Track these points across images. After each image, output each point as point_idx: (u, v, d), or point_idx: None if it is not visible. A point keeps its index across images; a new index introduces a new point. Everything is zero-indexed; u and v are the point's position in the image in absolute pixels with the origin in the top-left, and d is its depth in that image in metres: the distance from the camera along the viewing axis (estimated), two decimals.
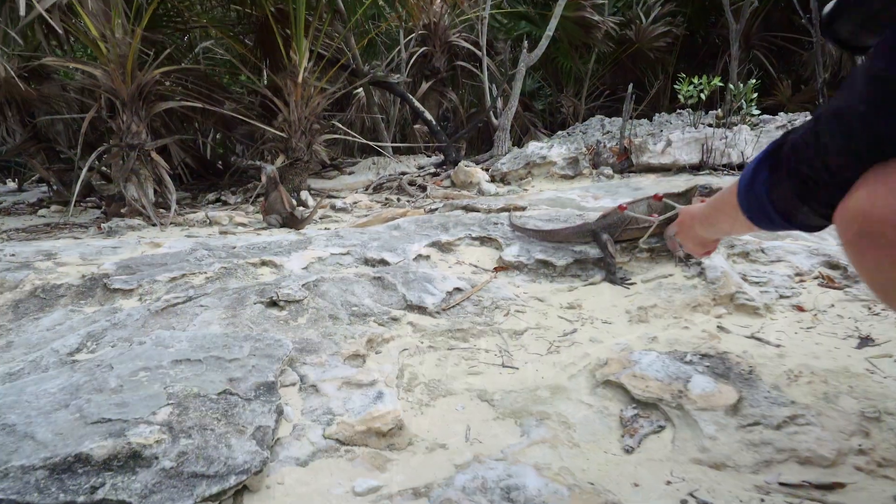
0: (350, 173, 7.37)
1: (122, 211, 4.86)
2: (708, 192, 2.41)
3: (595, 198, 4.56)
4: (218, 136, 8.73)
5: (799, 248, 3.01)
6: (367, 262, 3.17)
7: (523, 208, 3.92)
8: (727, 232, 1.55)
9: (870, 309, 2.57)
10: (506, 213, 3.76)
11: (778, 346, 2.16)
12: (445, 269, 3.13)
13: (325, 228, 4.18)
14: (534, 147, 6.55)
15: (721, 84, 6.09)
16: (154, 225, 4.64)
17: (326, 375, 1.88)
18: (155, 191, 5.12)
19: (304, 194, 5.73)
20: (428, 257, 3.22)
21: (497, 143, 7.16)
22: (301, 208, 5.32)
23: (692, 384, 1.72)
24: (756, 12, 10.32)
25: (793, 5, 11.68)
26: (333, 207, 5.28)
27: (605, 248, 2.85)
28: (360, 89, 8.44)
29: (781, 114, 6.40)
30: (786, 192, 1.03)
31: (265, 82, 6.87)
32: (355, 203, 5.52)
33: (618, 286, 2.80)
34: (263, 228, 4.37)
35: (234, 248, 3.29)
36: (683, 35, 12.20)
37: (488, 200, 4.09)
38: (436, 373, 2.08)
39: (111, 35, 4.75)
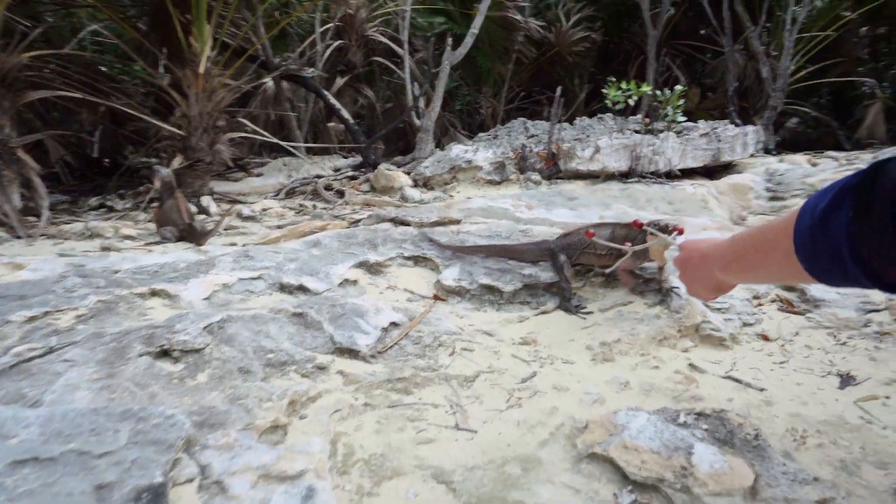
0: (258, 175, 6.75)
1: None
2: (661, 227, 2.15)
3: (529, 207, 4.28)
4: (105, 132, 7.80)
5: None
6: (283, 288, 2.70)
7: (458, 221, 3.56)
8: (766, 280, 1.28)
9: (835, 337, 2.41)
10: (441, 228, 3.39)
11: (761, 389, 1.92)
12: (376, 296, 2.71)
13: (232, 244, 3.64)
14: (458, 150, 6.22)
15: (649, 91, 6.01)
16: (19, 237, 3.90)
17: (237, 464, 1.43)
18: (23, 195, 4.34)
19: (206, 200, 5.10)
20: (355, 282, 2.79)
21: (419, 144, 6.77)
22: (202, 217, 4.71)
23: (696, 457, 1.42)
24: (668, 20, 10.51)
25: (698, 15, 12.07)
26: (240, 215, 4.71)
27: (562, 272, 2.55)
28: (270, 83, 7.79)
29: (702, 121, 6.43)
30: (882, 245, 0.75)
31: (162, 73, 6.12)
32: (265, 210, 4.96)
33: (573, 315, 2.50)
34: (156, 243, 3.77)
35: (118, 272, 2.72)
36: (601, 40, 12.30)
37: (419, 212, 3.70)
38: (377, 443, 1.67)
39: None
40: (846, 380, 1.99)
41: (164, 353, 1.91)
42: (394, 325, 2.34)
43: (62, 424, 1.44)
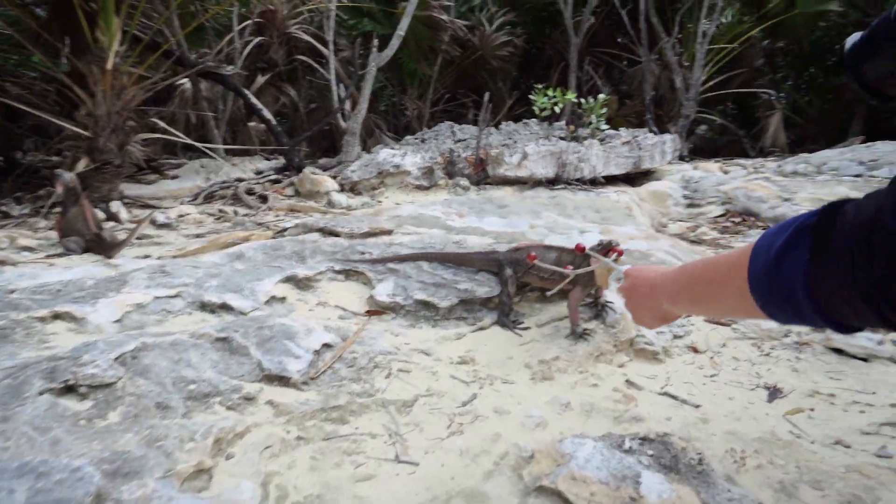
0: (174, 178, 6.37)
1: None
2: (603, 246, 2.14)
3: (460, 215, 4.24)
4: None
5: None
6: (204, 307, 2.52)
7: (390, 232, 3.47)
8: (717, 314, 1.27)
9: (759, 348, 2.50)
10: (373, 239, 3.28)
11: (697, 406, 1.96)
12: (306, 313, 2.58)
13: (145, 256, 3.39)
14: (386, 154, 6.12)
15: (574, 98, 6.12)
16: None
17: None
18: None
19: (116, 206, 4.75)
20: (283, 299, 2.65)
21: (346, 148, 6.61)
22: (111, 224, 4.38)
23: (644, 487, 1.40)
24: (588, 29, 10.82)
25: (616, 25, 12.51)
26: (154, 223, 4.41)
27: (505, 285, 2.51)
28: (186, 81, 7.39)
29: (623, 129, 6.63)
30: (840, 288, 0.73)
31: (63, 64, 5.65)
32: (182, 217, 4.68)
33: (510, 331, 2.47)
34: (59, 255, 3.45)
35: (13, 291, 2.46)
36: (523, 46, 12.50)
37: (349, 221, 3.58)
38: (313, 482, 1.56)
39: None
40: (774, 393, 2.05)
41: (69, 390, 1.71)
42: (326, 346, 2.22)
43: None
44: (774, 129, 10.55)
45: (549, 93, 5.91)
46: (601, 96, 5.96)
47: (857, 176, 5.44)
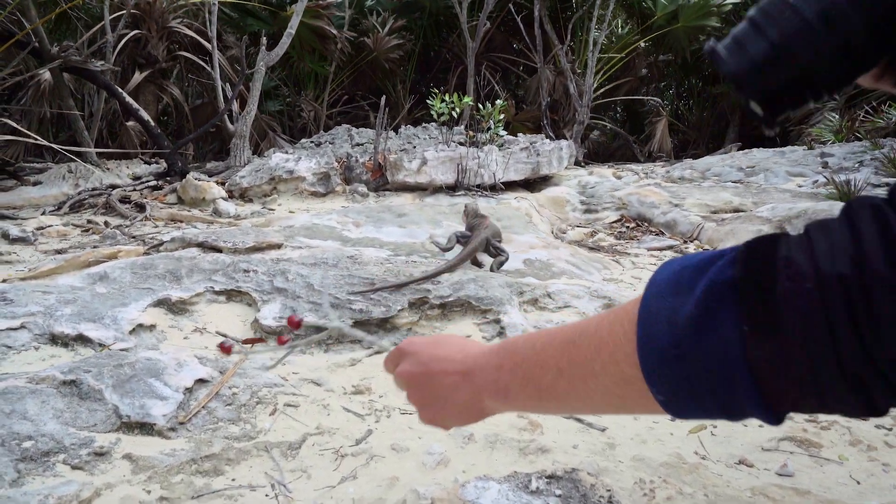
0: (35, 184, 5.69)
1: None
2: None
3: (356, 225, 4.04)
4: None
5: (580, 291, 2.86)
6: (55, 340, 2.19)
7: (279, 246, 3.21)
8: (576, 410, 0.88)
9: None
10: (259, 255, 3.01)
11: (603, 429, 1.88)
12: (180, 342, 2.30)
13: None
14: (279, 159, 5.79)
15: (471, 103, 6.07)
16: None
17: None
18: None
19: None
20: (153, 327, 2.35)
21: (234, 151, 6.19)
22: None
23: None
24: (485, 34, 10.91)
25: (511, 31, 12.72)
26: (6, 236, 3.88)
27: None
28: (47, 75, 6.66)
29: (521, 135, 6.67)
30: (811, 371, 0.49)
31: None
32: (41, 229, 4.15)
33: None
34: None
35: None
36: (420, 48, 12.43)
37: (232, 235, 3.28)
38: None
39: None
40: None
41: None
42: (201, 382, 1.96)
43: None
44: (661, 135, 11.11)
45: (447, 98, 5.82)
46: (499, 102, 5.94)
47: (737, 182, 5.76)
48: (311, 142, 7.21)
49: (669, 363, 0.55)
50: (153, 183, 5.74)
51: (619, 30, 11.68)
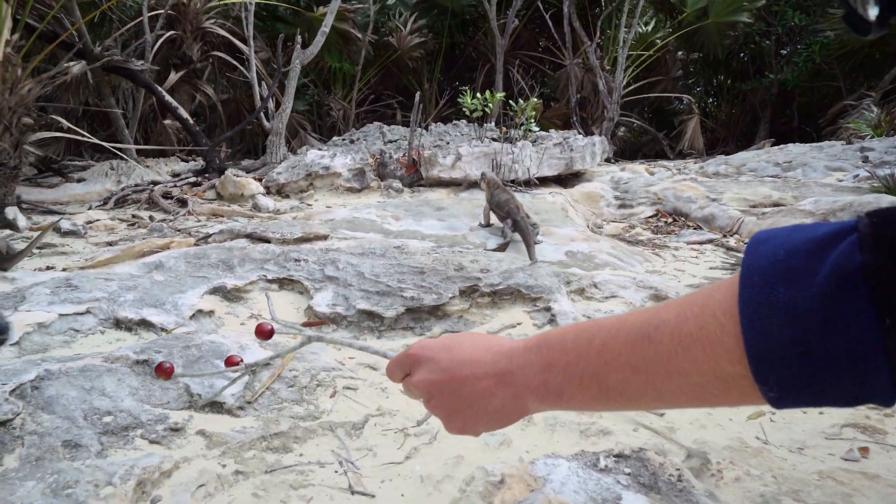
0: (80, 181, 5.84)
1: None
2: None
3: (396, 218, 4.09)
4: None
5: (626, 281, 2.87)
6: (119, 325, 2.25)
7: (325, 237, 3.27)
8: (645, 406, 0.81)
9: None
10: (308, 245, 3.07)
11: (661, 414, 1.89)
12: (237, 328, 2.36)
13: (48, 267, 3.04)
14: (314, 155, 5.87)
15: (502, 98, 6.08)
16: None
17: None
18: None
19: (13, 212, 4.26)
20: (211, 313, 2.41)
21: (271, 148, 6.29)
22: (7, 233, 3.93)
23: None
24: (512, 31, 10.91)
25: (539, 28, 12.70)
26: (58, 230, 3.99)
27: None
28: (76, 69, 6.81)
29: (553, 131, 6.67)
30: None
31: None
32: (91, 223, 4.27)
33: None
34: None
35: None
36: (446, 46, 12.47)
37: (279, 226, 3.34)
38: None
39: None
40: None
41: None
42: (264, 364, 2.01)
43: None
44: (692, 132, 11.00)
45: (479, 95, 5.84)
46: (532, 99, 5.95)
47: (774, 177, 5.69)
48: (343, 139, 7.28)
49: (790, 361, 0.51)
50: (192, 179, 5.86)
51: (648, 27, 11.59)
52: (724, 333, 0.53)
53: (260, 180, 5.71)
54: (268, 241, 3.15)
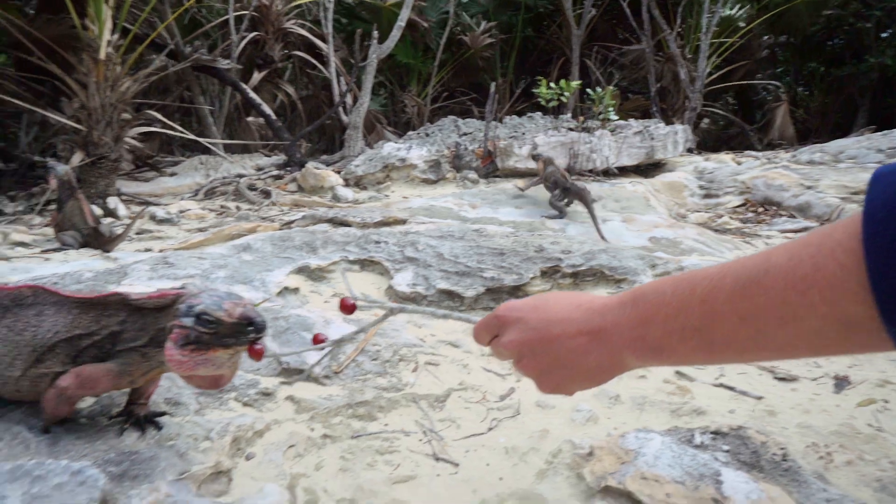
0: (172, 175, 6.19)
1: None
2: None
3: (473, 207, 4.08)
4: None
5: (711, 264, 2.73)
6: None
7: (404, 221, 3.30)
8: (758, 357, 0.76)
9: None
10: (387, 229, 3.11)
11: (759, 398, 1.78)
12: (321, 305, 2.41)
13: (146, 249, 3.21)
14: (390, 148, 5.95)
15: (578, 86, 5.97)
16: None
17: None
18: None
19: (113, 201, 4.56)
20: (296, 290, 2.48)
21: (348, 142, 6.44)
22: (109, 220, 4.20)
23: (728, 486, 1.23)
24: (589, 21, 10.69)
25: (616, 18, 12.37)
26: (154, 218, 4.23)
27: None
28: (181, 73, 7.20)
29: (633, 120, 6.47)
30: None
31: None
32: (182, 212, 4.50)
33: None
34: (55, 250, 3.27)
35: (6, 284, 2.27)
36: (520, 40, 12.38)
37: (359, 212, 3.41)
38: (345, 485, 1.39)
39: None
40: (841, 383, 1.88)
41: None
42: (337, 347, 2.04)
43: None
44: (781, 121, 10.42)
45: (553, 84, 5.74)
46: (610, 87, 5.80)
47: (878, 163, 5.30)
48: (419, 133, 7.35)
49: None
50: (275, 172, 6.08)
51: (732, 10, 11.05)
52: (846, 273, 0.49)
53: (339, 173, 5.85)
54: (348, 225, 3.21)
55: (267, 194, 5.19)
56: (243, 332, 1.14)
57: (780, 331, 0.57)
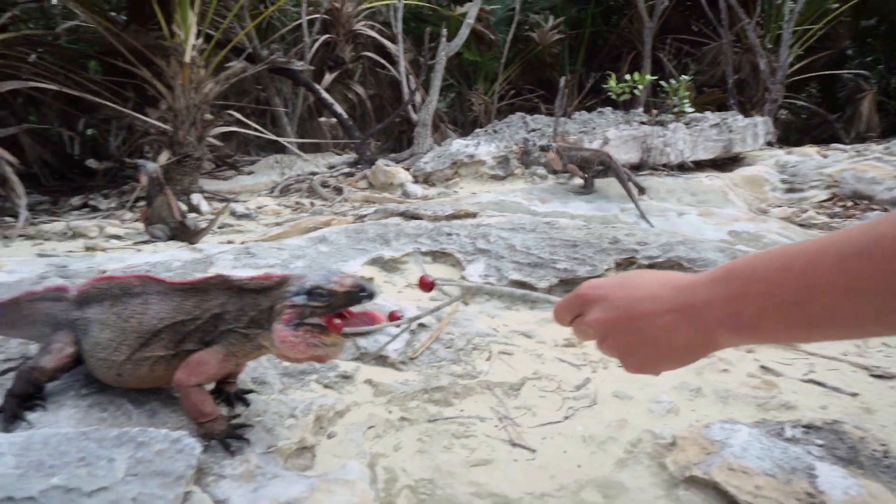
0: (249, 173, 6.44)
1: None
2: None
3: (542, 201, 4.05)
4: (89, 130, 7.46)
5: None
6: None
7: (474, 214, 3.31)
8: (851, 336, 0.77)
9: None
10: (458, 221, 3.13)
11: (853, 394, 1.69)
12: (395, 295, 2.45)
13: (228, 242, 3.36)
14: (459, 145, 5.98)
15: (651, 79, 5.81)
16: None
17: (262, 499, 1.16)
18: None
19: (197, 198, 4.80)
20: (371, 280, 2.52)
21: (417, 139, 6.52)
22: (193, 215, 4.41)
23: (823, 481, 1.17)
24: (661, 12, 10.38)
25: (691, 9, 11.95)
26: (234, 213, 4.42)
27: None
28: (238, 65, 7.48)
29: (709, 113, 6.24)
30: None
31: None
32: (260, 208, 4.68)
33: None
34: (145, 242, 3.47)
35: (104, 272, 2.43)
36: (588, 35, 12.17)
37: (430, 205, 3.44)
38: (423, 466, 1.41)
39: None
40: None
41: None
42: (420, 326, 2.07)
43: (43, 453, 1.16)
44: (868, 113, 9.79)
45: (627, 77, 5.61)
46: (684, 77, 5.62)
47: None
48: (486, 130, 7.35)
49: None
50: (346, 170, 6.22)
51: None
52: None
53: (408, 170, 5.92)
54: (420, 218, 3.25)
55: (339, 191, 5.33)
56: (356, 299, 1.18)
57: (892, 302, 0.54)
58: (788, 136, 11.54)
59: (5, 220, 3.98)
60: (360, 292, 1.19)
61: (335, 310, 1.21)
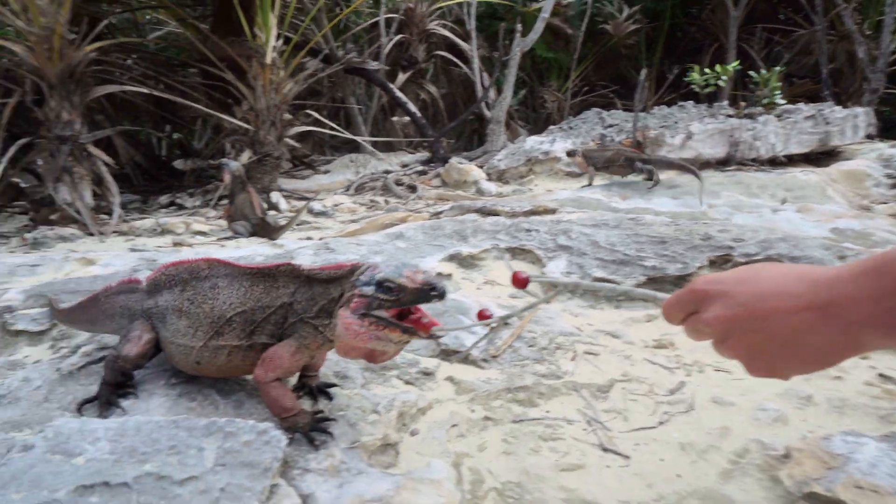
0: (325, 172, 6.57)
1: (53, 217, 3.98)
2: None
3: (623, 198, 3.90)
4: (175, 134, 7.82)
5: None
6: None
7: (554, 211, 3.22)
8: None
9: None
10: (537, 218, 3.05)
11: None
12: (474, 291, 2.40)
13: (307, 238, 3.41)
14: (533, 142, 5.87)
15: (740, 69, 5.51)
16: (91, 234, 3.79)
17: (347, 495, 1.13)
18: (95, 193, 4.25)
19: (276, 196, 4.92)
20: (449, 276, 2.49)
21: (491, 137, 6.45)
22: (272, 213, 4.52)
23: None
24: (746, 2, 9.86)
25: None
26: (311, 211, 4.50)
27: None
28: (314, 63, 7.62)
29: (802, 104, 5.85)
30: None
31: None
32: (336, 206, 4.74)
33: None
34: (228, 238, 3.58)
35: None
36: (667, 27, 11.73)
37: (507, 202, 3.37)
38: (510, 468, 1.34)
39: (32, 3, 3.87)
40: None
41: None
42: (503, 323, 2.01)
43: (136, 440, 1.17)
44: None
45: (709, 70, 5.34)
46: (775, 68, 5.29)
47: None
48: (560, 127, 7.20)
49: None
50: (420, 168, 6.24)
51: None
52: None
53: (481, 167, 5.87)
54: (497, 214, 3.19)
55: (413, 189, 5.33)
56: (426, 297, 1.13)
57: None
58: (889, 128, 10.71)
59: (100, 217, 4.21)
60: (431, 291, 1.14)
61: (403, 305, 1.16)
